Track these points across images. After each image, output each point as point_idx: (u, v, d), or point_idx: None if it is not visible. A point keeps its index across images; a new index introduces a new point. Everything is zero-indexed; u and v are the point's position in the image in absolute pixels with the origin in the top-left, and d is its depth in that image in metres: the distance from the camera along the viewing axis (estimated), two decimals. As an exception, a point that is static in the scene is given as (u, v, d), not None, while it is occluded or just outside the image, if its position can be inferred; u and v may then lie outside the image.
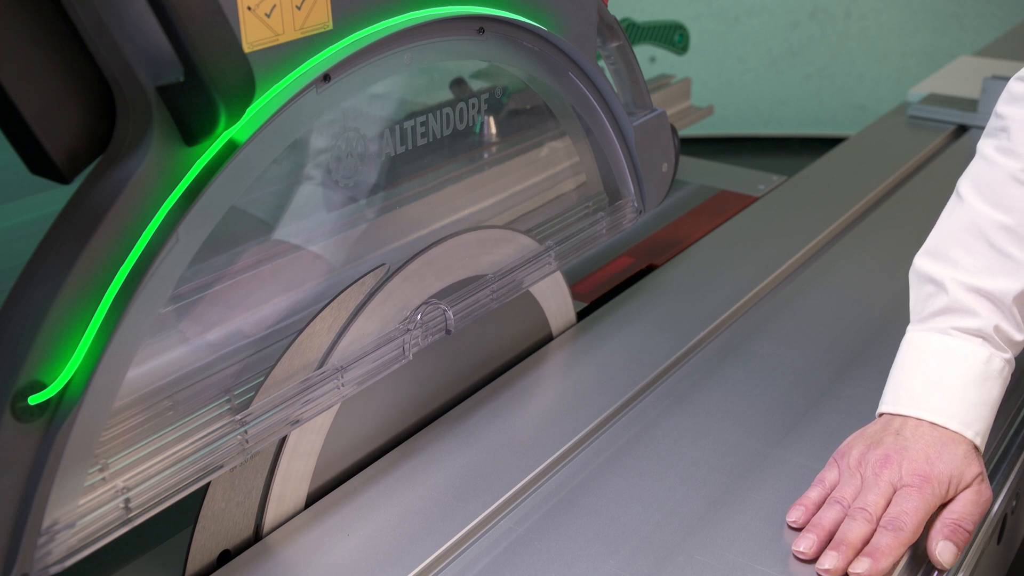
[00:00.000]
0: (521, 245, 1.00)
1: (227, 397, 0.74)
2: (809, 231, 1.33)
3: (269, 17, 0.69)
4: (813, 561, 0.78)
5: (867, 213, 1.40)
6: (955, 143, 1.66)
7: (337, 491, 0.87)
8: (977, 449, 0.82)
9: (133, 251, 0.63)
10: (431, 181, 0.94)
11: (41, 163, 0.59)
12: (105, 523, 0.66)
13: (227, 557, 0.80)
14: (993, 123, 0.92)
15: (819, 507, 0.82)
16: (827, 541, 0.79)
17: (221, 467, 0.72)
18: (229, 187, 0.67)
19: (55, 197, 0.66)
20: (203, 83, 0.62)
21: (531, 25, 0.92)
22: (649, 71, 1.25)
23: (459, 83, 0.96)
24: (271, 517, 0.82)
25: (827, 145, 1.81)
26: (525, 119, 1.03)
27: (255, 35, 0.68)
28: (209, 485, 0.76)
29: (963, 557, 0.81)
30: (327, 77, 0.73)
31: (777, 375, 1.03)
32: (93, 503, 0.65)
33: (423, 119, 0.89)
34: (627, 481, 0.88)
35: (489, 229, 0.97)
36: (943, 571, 0.79)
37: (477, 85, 0.97)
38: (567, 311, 1.12)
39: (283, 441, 0.81)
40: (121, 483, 0.66)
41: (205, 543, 0.78)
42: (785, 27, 3.23)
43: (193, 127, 0.64)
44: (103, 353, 0.62)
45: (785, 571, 0.78)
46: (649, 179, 1.11)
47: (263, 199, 0.78)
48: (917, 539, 0.78)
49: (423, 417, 0.96)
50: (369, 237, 0.88)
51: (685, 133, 1.45)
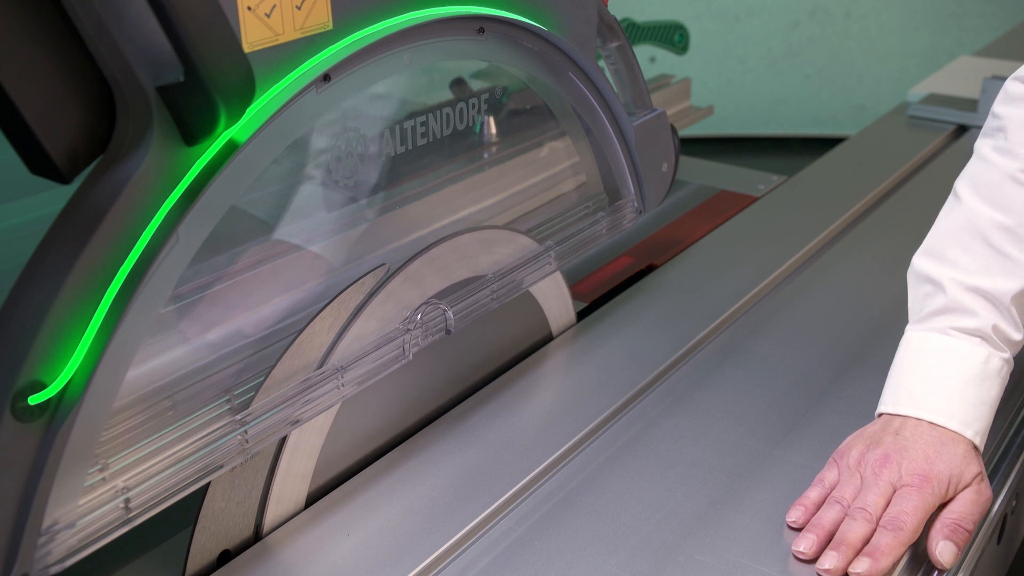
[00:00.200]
0: (521, 245, 1.00)
1: (227, 397, 0.74)
2: (809, 231, 1.33)
3: (269, 17, 0.69)
4: (813, 561, 0.78)
5: (867, 213, 1.40)
6: (955, 143, 1.66)
7: (337, 491, 0.87)
8: (976, 449, 0.82)
9: (133, 251, 0.63)
10: (431, 181, 0.94)
11: (41, 163, 0.59)
12: (105, 523, 0.66)
13: (227, 557, 0.80)
14: (990, 123, 0.92)
15: (819, 507, 0.82)
16: (827, 541, 0.79)
17: (221, 467, 0.72)
18: (229, 187, 0.67)
19: (55, 197, 0.66)
20: (203, 83, 0.62)
21: (531, 25, 0.92)
22: (649, 71, 1.25)
23: (459, 83, 0.96)
24: (271, 517, 0.82)
25: (827, 145, 1.81)
26: (525, 119, 1.03)
27: (255, 35, 0.68)
28: (209, 485, 0.76)
29: (963, 557, 0.81)
30: (327, 77, 0.73)
31: (777, 375, 1.03)
32: (93, 503, 0.65)
33: (423, 119, 0.89)
34: (627, 481, 0.88)
35: (489, 229, 0.97)
36: (943, 571, 0.79)
37: (477, 85, 0.97)
38: (567, 311, 1.12)
39: (283, 441, 0.81)
40: (121, 483, 0.66)
41: (205, 543, 0.78)
42: (785, 27, 3.23)
43: (193, 127, 0.64)
44: (103, 353, 0.62)
45: (785, 571, 0.78)
46: (649, 179, 1.11)
47: (263, 199, 0.78)
48: (917, 539, 0.78)
49: (423, 417, 0.96)
50: (369, 237, 0.88)
51: (685, 133, 1.45)
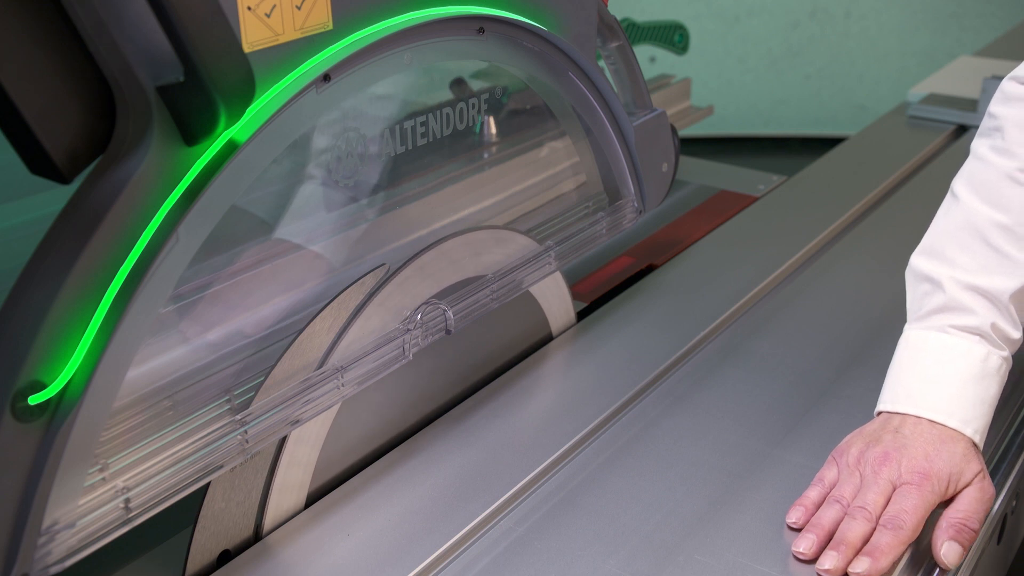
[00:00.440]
0: (521, 245, 1.00)
1: (227, 397, 0.74)
2: (809, 231, 1.33)
3: (269, 17, 0.69)
4: (813, 561, 0.78)
5: (867, 213, 1.40)
6: (955, 143, 1.66)
7: (337, 491, 0.86)
8: (976, 447, 0.82)
9: (133, 251, 0.63)
10: (431, 181, 0.94)
11: (41, 163, 0.59)
12: (105, 523, 0.66)
13: (227, 557, 0.80)
14: (987, 123, 0.92)
15: (819, 506, 0.82)
16: (827, 540, 0.79)
17: (221, 467, 0.72)
18: (229, 187, 0.67)
19: (55, 197, 0.66)
20: (203, 83, 0.62)
21: (531, 25, 0.92)
22: (649, 71, 1.25)
23: (459, 83, 0.96)
24: (271, 517, 0.82)
25: (827, 145, 1.81)
26: (525, 119, 1.03)
27: (255, 35, 0.68)
28: (209, 485, 0.76)
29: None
30: (327, 77, 0.73)
31: (777, 375, 1.03)
32: (93, 503, 0.65)
33: (423, 119, 0.89)
34: (627, 481, 0.88)
35: (489, 229, 0.97)
36: (947, 571, 0.79)
37: (477, 85, 0.97)
38: (567, 311, 1.12)
39: (283, 441, 0.81)
40: (121, 483, 0.66)
41: (205, 543, 0.78)
42: (785, 27, 3.23)
43: (193, 127, 0.64)
44: (103, 353, 0.62)
45: (785, 571, 0.78)
46: (649, 179, 1.11)
47: (263, 199, 0.78)
48: (917, 537, 0.78)
49: (423, 417, 0.96)
50: (369, 237, 0.88)
51: (685, 133, 1.44)
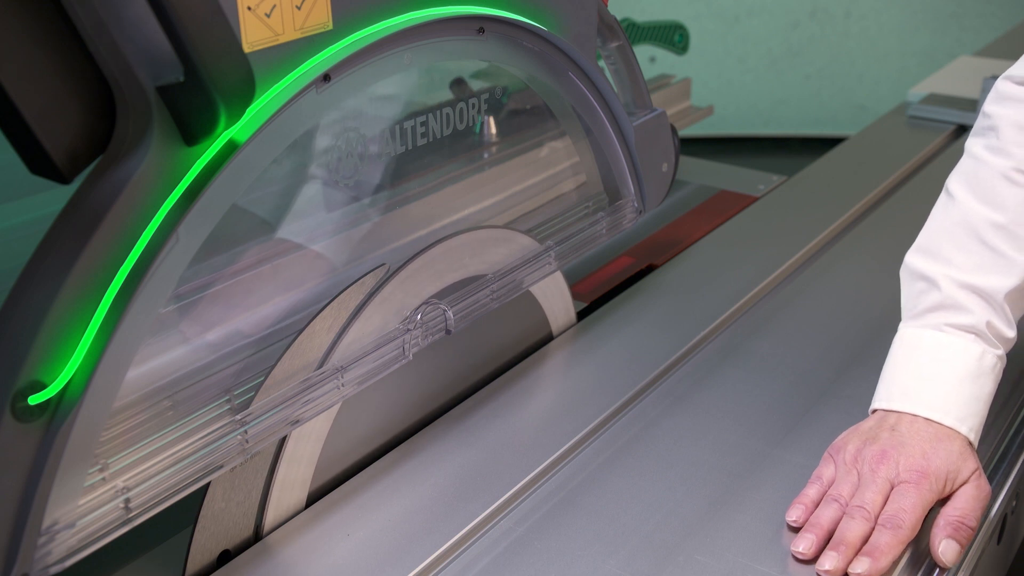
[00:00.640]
0: (521, 245, 1.00)
1: (227, 397, 0.74)
2: (809, 231, 1.33)
3: (269, 17, 0.69)
4: (813, 561, 0.78)
5: (867, 213, 1.40)
6: (955, 143, 1.66)
7: (337, 491, 0.86)
8: (971, 445, 0.83)
9: (133, 251, 0.63)
10: (431, 181, 0.94)
11: (41, 163, 0.59)
12: (105, 523, 0.66)
13: (227, 557, 0.80)
14: (981, 122, 0.92)
15: (817, 504, 0.82)
16: (826, 540, 0.79)
17: (221, 467, 0.72)
18: (229, 187, 0.67)
19: (55, 197, 0.66)
20: (203, 83, 0.62)
21: (531, 25, 0.92)
22: (649, 71, 1.25)
23: (459, 83, 0.96)
24: (271, 517, 0.82)
25: (827, 145, 1.81)
26: (525, 119, 1.03)
27: (255, 35, 0.68)
28: (209, 485, 0.76)
29: (963, 556, 0.81)
30: (327, 77, 0.73)
31: (777, 375, 1.03)
32: (93, 503, 0.65)
33: (423, 119, 0.89)
34: (627, 481, 0.88)
35: (489, 229, 0.97)
36: (946, 570, 0.79)
37: (477, 85, 0.97)
38: (567, 311, 1.12)
39: (283, 441, 0.81)
40: (121, 483, 0.66)
41: (205, 543, 0.78)
42: (785, 27, 3.23)
43: (193, 127, 0.64)
44: (103, 353, 0.62)
45: (785, 571, 0.78)
46: (649, 179, 1.11)
47: (263, 199, 0.78)
48: (916, 535, 0.78)
49: (423, 417, 0.96)
50: (369, 237, 0.88)
51: (685, 133, 1.44)
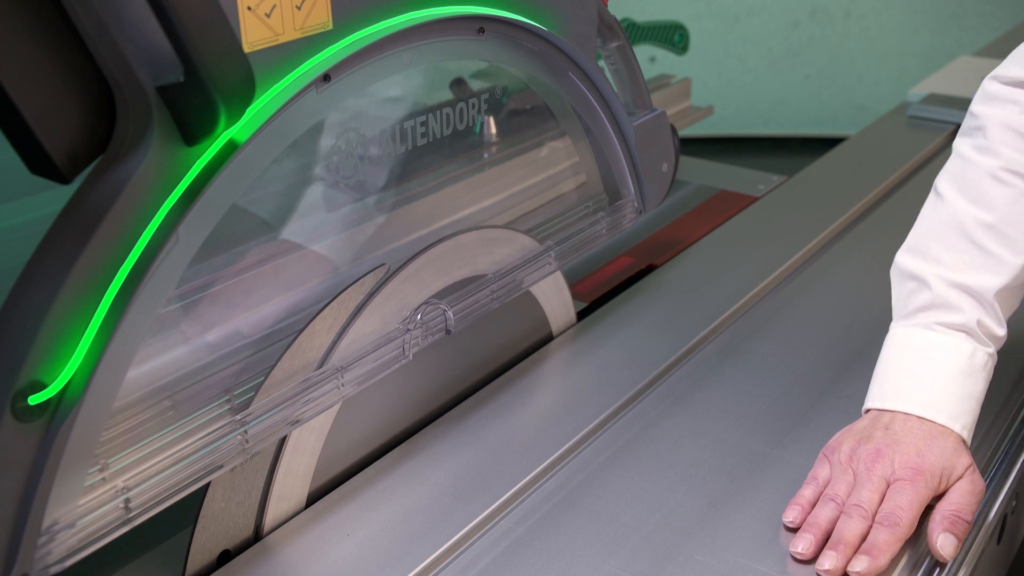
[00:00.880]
0: (521, 245, 1.00)
1: (227, 397, 0.74)
2: (809, 231, 1.32)
3: (269, 17, 0.69)
4: (812, 561, 0.78)
5: (867, 213, 1.40)
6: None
7: (337, 491, 0.87)
8: (965, 442, 0.83)
9: (133, 251, 0.63)
10: (431, 181, 0.94)
11: (41, 163, 0.59)
12: (105, 523, 0.66)
13: (227, 557, 0.80)
14: (968, 122, 0.92)
15: (813, 504, 0.82)
16: (824, 539, 0.79)
17: (221, 467, 0.72)
18: (229, 187, 0.67)
19: (55, 197, 0.66)
20: (203, 83, 0.62)
21: (531, 25, 0.92)
22: (649, 71, 1.25)
23: (459, 83, 0.96)
24: (271, 517, 0.82)
25: (827, 145, 1.81)
26: (525, 119, 1.03)
27: (255, 35, 0.68)
28: (209, 485, 0.76)
29: (963, 556, 0.81)
30: (327, 77, 0.73)
31: (777, 375, 1.03)
32: (93, 503, 0.65)
33: (423, 119, 0.89)
34: (627, 481, 0.88)
35: (489, 229, 0.97)
36: (945, 563, 0.79)
37: (477, 85, 0.97)
38: (567, 311, 1.12)
39: (283, 441, 0.81)
40: (121, 483, 0.66)
41: (205, 543, 0.78)
42: (785, 27, 3.23)
43: (193, 127, 0.64)
44: (103, 353, 0.62)
45: (785, 571, 0.78)
46: (649, 179, 1.11)
47: (263, 199, 0.78)
48: (913, 532, 0.79)
49: (423, 417, 0.96)
50: (369, 237, 0.88)
51: (685, 133, 1.44)
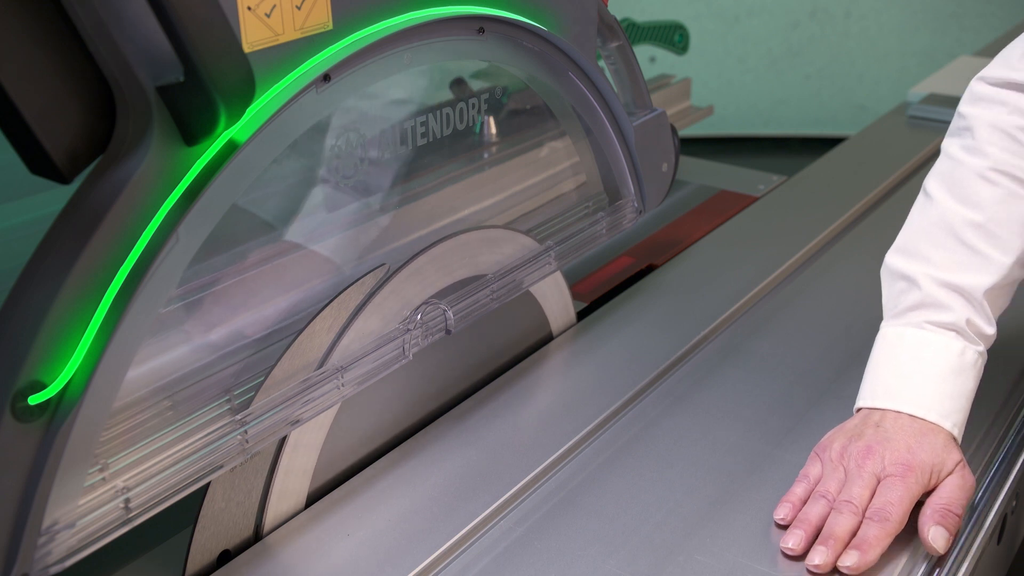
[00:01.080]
0: (521, 245, 1.00)
1: (227, 397, 0.74)
2: (809, 231, 1.32)
3: (269, 17, 0.69)
4: (802, 556, 0.78)
5: (867, 213, 1.40)
6: (955, 143, 1.66)
7: (337, 491, 0.87)
8: (955, 439, 0.83)
9: (133, 251, 0.63)
10: (431, 181, 0.94)
11: (41, 163, 0.59)
12: (105, 523, 0.66)
13: (227, 557, 0.80)
14: (956, 123, 0.93)
15: (804, 502, 0.82)
16: (814, 536, 0.79)
17: (221, 467, 0.72)
18: (229, 187, 0.67)
19: (55, 197, 0.66)
20: (203, 83, 0.62)
21: (531, 25, 0.92)
22: (649, 71, 1.25)
23: (459, 83, 0.96)
24: (271, 517, 0.82)
25: (827, 145, 1.81)
26: (525, 119, 1.03)
27: (255, 35, 0.68)
28: (209, 485, 0.76)
29: (963, 556, 0.82)
30: (327, 77, 0.73)
31: (777, 375, 1.03)
32: (93, 503, 0.65)
33: (423, 119, 0.89)
34: (627, 481, 0.88)
35: (489, 229, 0.97)
36: (937, 555, 0.79)
37: (477, 85, 0.97)
38: (567, 311, 1.12)
39: (283, 441, 0.81)
40: (121, 483, 0.66)
41: (205, 543, 0.78)
42: (785, 27, 3.23)
43: (193, 127, 0.64)
44: (103, 353, 0.62)
45: (785, 571, 0.78)
46: (649, 179, 1.11)
47: (263, 199, 0.78)
48: (903, 528, 0.79)
49: (423, 417, 0.96)
50: (369, 237, 0.88)
51: (685, 133, 1.44)
